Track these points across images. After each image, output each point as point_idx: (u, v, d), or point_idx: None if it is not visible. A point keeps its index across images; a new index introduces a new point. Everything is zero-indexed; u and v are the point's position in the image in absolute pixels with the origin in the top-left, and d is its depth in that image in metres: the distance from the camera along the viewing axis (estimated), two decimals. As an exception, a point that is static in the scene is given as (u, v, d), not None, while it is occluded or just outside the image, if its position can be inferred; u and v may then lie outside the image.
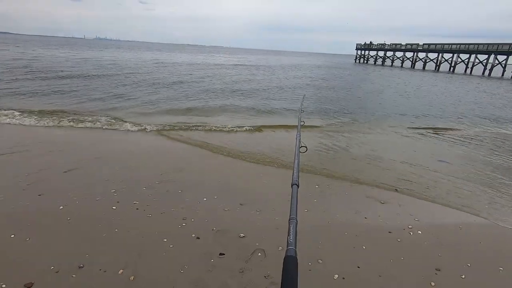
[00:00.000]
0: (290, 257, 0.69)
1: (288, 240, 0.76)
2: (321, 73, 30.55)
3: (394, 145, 7.08)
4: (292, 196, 1.03)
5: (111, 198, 3.55)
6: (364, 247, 2.92)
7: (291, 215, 0.89)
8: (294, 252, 0.71)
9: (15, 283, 2.20)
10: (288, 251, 0.71)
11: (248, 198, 3.75)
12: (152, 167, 4.61)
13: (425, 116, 11.03)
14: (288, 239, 0.76)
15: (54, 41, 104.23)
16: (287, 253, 0.70)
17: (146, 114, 8.74)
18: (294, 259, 0.69)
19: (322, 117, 9.79)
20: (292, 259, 0.68)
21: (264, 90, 15.29)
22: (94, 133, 6.50)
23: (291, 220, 0.85)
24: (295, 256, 0.69)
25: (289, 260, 0.68)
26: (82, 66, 20.67)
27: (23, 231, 2.81)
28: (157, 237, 2.85)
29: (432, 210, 3.83)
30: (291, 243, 0.74)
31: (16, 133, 6.15)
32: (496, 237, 3.32)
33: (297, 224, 0.83)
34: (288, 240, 0.76)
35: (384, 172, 5.08)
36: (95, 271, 2.37)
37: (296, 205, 0.95)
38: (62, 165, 4.39)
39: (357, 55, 68.95)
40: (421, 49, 49.97)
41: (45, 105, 8.87)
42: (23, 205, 3.29)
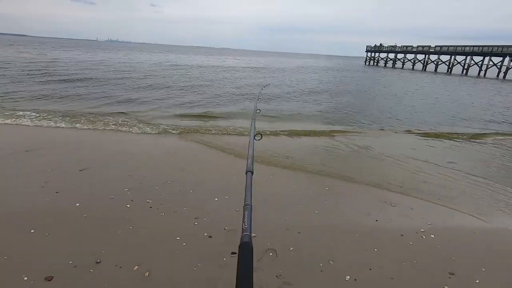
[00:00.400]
0: (245, 243, 0.68)
1: (243, 226, 0.75)
2: (335, 76, 30.43)
3: (410, 149, 6.99)
4: (246, 183, 1.02)
5: (125, 196, 3.63)
6: (376, 249, 2.91)
7: (245, 201, 0.87)
8: (249, 238, 0.70)
9: (36, 276, 2.28)
10: (243, 237, 0.70)
11: (258, 199, 3.78)
12: (165, 167, 4.69)
13: (450, 120, 10.87)
14: (243, 226, 0.75)
15: (68, 43, 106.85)
16: (243, 239, 0.69)
17: (163, 117, 8.82)
18: (249, 244, 0.68)
19: (340, 120, 9.77)
20: (247, 245, 0.68)
21: (289, 94, 15.19)
22: (109, 134, 6.64)
23: (246, 206, 0.84)
24: (250, 242, 0.69)
25: (245, 245, 0.68)
26: (98, 68, 21.16)
27: (43, 226, 2.91)
28: (171, 235, 2.91)
29: (445, 214, 3.78)
30: (246, 229, 0.73)
31: (33, 133, 6.34)
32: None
33: (251, 211, 0.82)
34: (243, 227, 0.74)
35: (397, 174, 5.03)
36: (111, 266, 2.44)
37: (250, 192, 0.94)
38: (78, 164, 4.52)
39: (367, 57, 68.34)
40: (433, 51, 49.17)
41: (62, 107, 9.12)
42: (41, 202, 3.41)
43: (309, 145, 6.65)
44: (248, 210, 0.81)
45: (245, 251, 0.66)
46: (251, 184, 0.99)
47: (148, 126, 7.31)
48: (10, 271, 2.32)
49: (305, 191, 4.15)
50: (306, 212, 3.57)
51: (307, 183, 4.47)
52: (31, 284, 2.22)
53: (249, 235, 0.71)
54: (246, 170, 1.14)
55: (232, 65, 36.65)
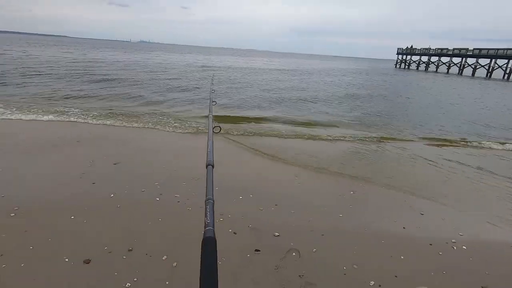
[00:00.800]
0: (209, 238, 0.67)
1: (205, 221, 0.73)
2: (366, 79, 29.65)
3: (443, 158, 6.69)
4: (207, 177, 1.00)
5: (154, 190, 3.81)
6: (402, 257, 2.83)
7: (207, 196, 0.86)
8: (212, 232, 0.69)
9: (76, 259, 2.47)
10: (206, 232, 0.69)
11: (282, 199, 3.81)
12: (192, 164, 4.85)
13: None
14: (205, 220, 0.74)
15: (105, 44, 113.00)
16: (206, 234, 0.68)
17: (197, 116, 9.09)
18: (212, 239, 0.67)
19: (368, 124, 9.55)
20: (211, 239, 0.67)
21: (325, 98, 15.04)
22: (144, 131, 6.97)
23: (208, 201, 0.83)
24: (213, 237, 0.68)
25: (208, 240, 0.66)
26: (139, 68, 22.22)
27: (81, 214, 3.14)
28: (197, 229, 3.01)
29: (478, 226, 3.59)
30: (209, 224, 0.72)
31: (74, 129, 6.81)
32: (555, 260, 3.03)
33: (213, 205, 0.81)
34: (205, 221, 0.73)
35: (428, 182, 4.84)
36: (142, 255, 2.58)
37: (212, 186, 0.93)
38: (113, 158, 4.80)
39: (398, 59, 65.83)
40: (471, 54, 46.33)
41: (105, 104, 9.71)
42: (80, 191, 3.67)
43: (338, 148, 6.56)
44: (210, 204, 0.81)
45: (208, 246, 0.65)
46: (212, 178, 0.98)
47: (181, 124, 7.59)
48: (53, 253, 2.54)
49: (329, 194, 4.11)
50: (330, 214, 3.55)
51: (332, 186, 4.43)
52: (71, 265, 2.41)
53: (212, 229, 0.70)
54: (206, 163, 1.12)
55: (264, 67, 36.74)
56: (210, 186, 0.92)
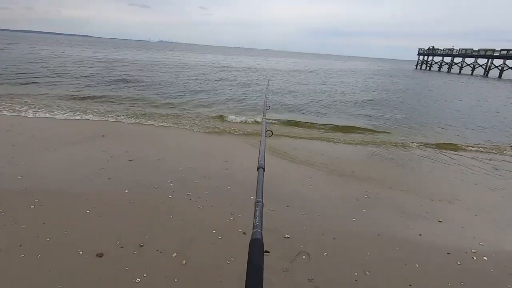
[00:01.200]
0: (256, 240, 0.68)
1: (254, 222, 0.74)
2: (388, 81, 28.95)
3: (464, 162, 6.41)
4: (258, 179, 1.00)
5: (167, 187, 3.86)
6: (418, 265, 2.72)
7: (257, 197, 0.87)
8: (260, 234, 0.70)
9: (89, 252, 2.54)
10: (254, 234, 0.70)
11: (294, 201, 3.76)
12: (205, 163, 4.89)
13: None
14: (254, 222, 0.74)
15: (126, 43, 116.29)
16: (253, 236, 0.69)
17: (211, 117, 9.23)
18: (260, 241, 0.68)
19: (388, 127, 9.32)
20: (258, 241, 0.67)
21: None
22: (160, 129, 7.10)
23: (257, 203, 0.83)
24: (260, 239, 0.68)
25: (255, 242, 0.67)
26: (163, 68, 22.74)
27: (96, 208, 3.23)
28: (207, 228, 3.03)
29: (502, 236, 3.40)
30: (257, 226, 0.72)
31: (94, 126, 7.03)
32: None
33: (263, 207, 0.81)
34: (254, 223, 0.74)
35: (448, 188, 4.64)
36: (153, 251, 2.62)
37: (262, 188, 0.93)
38: (128, 155, 4.91)
39: (419, 60, 63.73)
40: (498, 55, 44.15)
41: (123, 105, 9.98)
42: (96, 186, 3.77)
43: (354, 151, 6.43)
44: (259, 206, 0.82)
45: (255, 248, 0.66)
46: (263, 181, 0.99)
47: (200, 123, 7.70)
48: (68, 245, 2.62)
49: (343, 197, 4.03)
50: (342, 218, 3.47)
51: (346, 188, 4.33)
52: (84, 258, 2.47)
53: (259, 231, 0.71)
54: (258, 166, 1.13)
55: (296, 69, 36.35)
56: (260, 189, 0.93)
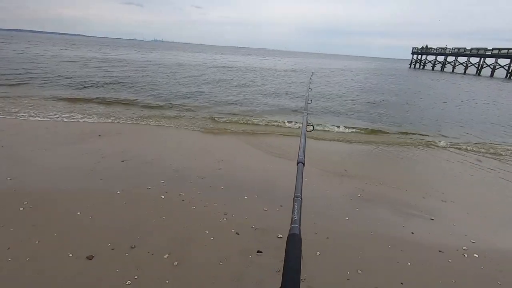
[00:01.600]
0: (294, 235, 0.68)
1: (292, 218, 0.75)
2: (383, 80, 29.14)
3: (461, 160, 6.48)
4: (297, 174, 1.00)
5: (160, 188, 3.83)
6: (410, 263, 2.74)
7: (296, 193, 0.87)
8: (298, 230, 0.70)
9: (79, 254, 2.50)
10: (292, 229, 0.71)
11: (288, 200, 3.74)
12: (199, 163, 4.86)
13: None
14: (293, 217, 0.75)
15: (121, 42, 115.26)
16: (291, 231, 0.70)
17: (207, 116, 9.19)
18: (298, 236, 0.68)
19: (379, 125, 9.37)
20: (296, 236, 0.68)
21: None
22: (154, 129, 7.05)
23: (296, 198, 0.84)
24: (299, 234, 0.69)
25: (293, 237, 0.68)
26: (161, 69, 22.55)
27: (87, 209, 3.19)
28: (200, 229, 3.01)
29: (492, 233, 3.44)
30: (296, 221, 0.73)
31: (87, 127, 6.95)
32: None
33: (301, 202, 0.82)
34: (292, 218, 0.75)
35: (440, 187, 4.68)
36: (144, 252, 2.59)
37: (301, 184, 0.93)
38: (121, 155, 4.86)
39: (413, 59, 64.27)
40: (490, 54, 44.72)
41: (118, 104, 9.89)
42: (87, 187, 3.73)
43: (344, 149, 6.46)
44: (298, 202, 0.82)
45: (293, 242, 0.67)
46: (302, 176, 0.99)
47: (193, 123, 7.65)
48: (58, 248, 2.58)
49: (336, 196, 4.04)
50: (336, 217, 3.48)
51: (339, 188, 4.34)
52: (74, 260, 2.44)
53: (298, 227, 0.71)
54: (297, 161, 1.13)
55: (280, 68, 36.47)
56: (300, 184, 0.94)
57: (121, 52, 43.29)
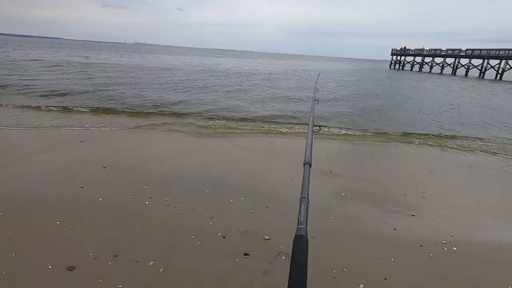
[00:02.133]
0: (300, 236, 0.67)
1: (299, 219, 0.74)
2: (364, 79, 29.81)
3: (439, 157, 6.71)
4: (304, 175, 1.00)
5: (144, 193, 3.76)
6: (392, 259, 2.82)
7: (302, 194, 0.86)
8: (304, 231, 0.69)
9: (59, 265, 2.42)
10: (298, 230, 0.70)
11: (274, 201, 3.77)
12: (184, 167, 4.80)
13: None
14: (299, 218, 0.74)
15: (102, 46, 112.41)
16: (298, 232, 0.69)
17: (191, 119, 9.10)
18: (304, 238, 0.67)
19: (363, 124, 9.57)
20: (303, 238, 0.67)
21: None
22: (136, 133, 6.91)
23: (303, 199, 0.83)
24: (305, 235, 0.68)
25: (300, 238, 0.67)
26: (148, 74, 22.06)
27: (68, 218, 3.08)
28: (186, 233, 2.98)
29: (469, 227, 3.58)
30: (302, 222, 0.72)
31: (64, 133, 6.72)
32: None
33: (308, 203, 0.81)
34: (299, 219, 0.74)
35: (421, 183, 4.84)
36: (128, 260, 2.53)
37: (308, 185, 0.92)
38: (103, 161, 4.73)
39: (392, 60, 66.27)
40: (464, 54, 46.80)
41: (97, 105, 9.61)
42: (67, 195, 3.60)
43: (331, 149, 6.56)
44: (304, 202, 0.81)
45: (299, 243, 0.66)
46: (309, 177, 0.98)
47: (179, 127, 7.54)
48: (36, 260, 2.48)
49: (322, 195, 4.09)
50: (321, 216, 3.52)
51: (324, 187, 4.40)
52: (54, 272, 2.35)
53: (304, 228, 0.70)
54: (304, 161, 1.12)
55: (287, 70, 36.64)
56: (306, 185, 0.93)
57: (102, 55, 42.21)
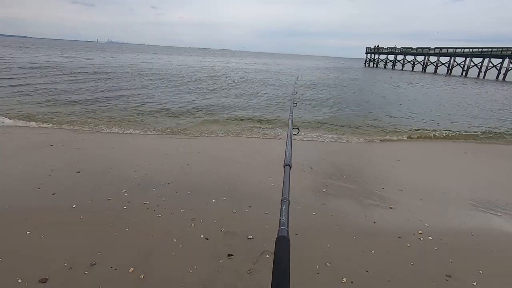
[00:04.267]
0: (282, 237, 0.68)
1: (280, 220, 0.74)
2: (341, 76, 30.46)
3: (411, 150, 6.99)
4: (284, 176, 1.01)
5: (122, 198, 3.62)
6: (373, 251, 2.90)
7: (283, 195, 0.87)
8: (286, 232, 0.70)
9: (30, 278, 2.27)
10: (280, 231, 0.70)
11: (256, 201, 3.77)
12: (162, 169, 4.68)
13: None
14: (281, 219, 0.75)
15: (73, 44, 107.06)
16: (280, 233, 0.69)
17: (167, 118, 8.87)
18: (286, 239, 0.67)
19: (343, 120, 9.76)
20: (284, 239, 0.67)
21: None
22: (108, 136, 6.64)
23: (284, 200, 0.84)
24: (287, 236, 0.68)
25: (281, 240, 0.67)
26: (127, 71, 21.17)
27: (38, 228, 2.90)
28: (167, 237, 2.90)
29: (443, 216, 3.76)
30: (283, 223, 0.73)
31: (30, 134, 6.34)
32: (511, 245, 3.25)
33: (289, 205, 0.82)
34: (280, 220, 0.74)
35: (396, 177, 5.01)
36: (106, 269, 2.43)
37: (288, 186, 0.94)
38: (75, 166, 4.51)
39: (367, 58, 68.38)
40: (433, 52, 49.21)
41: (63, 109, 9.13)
42: (37, 203, 3.40)
43: (308, 147, 6.65)
44: (285, 204, 0.82)
45: (282, 245, 0.65)
46: (289, 178, 0.99)
47: (153, 127, 7.31)
48: (4, 273, 2.31)
49: (303, 193, 4.13)
50: (303, 214, 3.56)
51: (305, 184, 4.45)
52: (25, 286, 2.20)
53: (286, 229, 0.70)
54: (284, 163, 1.12)
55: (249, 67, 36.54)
56: (287, 186, 0.94)
57: (72, 54, 40.22)
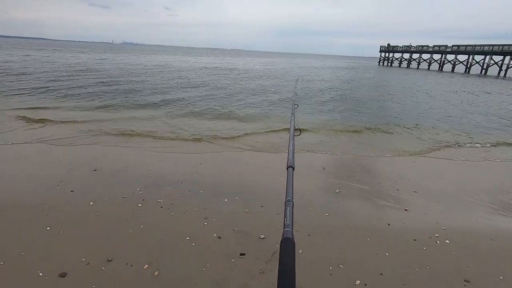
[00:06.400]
0: (287, 239, 0.69)
1: (284, 222, 0.76)
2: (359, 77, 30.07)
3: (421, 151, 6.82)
4: (287, 178, 1.02)
5: (137, 196, 3.70)
6: (387, 254, 2.84)
7: (287, 197, 0.88)
8: (291, 234, 0.71)
9: (51, 272, 2.35)
10: (285, 233, 0.71)
11: (269, 200, 3.77)
12: (176, 168, 4.75)
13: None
14: (285, 221, 0.76)
15: (91, 46, 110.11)
16: (284, 235, 0.70)
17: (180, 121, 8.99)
18: (291, 240, 0.69)
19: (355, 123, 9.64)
20: (289, 241, 0.68)
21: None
22: (127, 137, 6.78)
23: (288, 202, 0.85)
24: (292, 238, 0.69)
25: (286, 242, 0.68)
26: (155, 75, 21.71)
27: (58, 224, 3.00)
28: (180, 235, 2.94)
29: (461, 220, 3.65)
30: (288, 225, 0.74)
31: (52, 130, 6.56)
32: (533, 250, 3.12)
33: (293, 207, 0.83)
34: (284, 222, 0.75)
35: (413, 179, 4.90)
36: (122, 265, 2.49)
37: (292, 188, 0.95)
38: (93, 164, 4.64)
39: (381, 57, 67.09)
40: (450, 50, 47.74)
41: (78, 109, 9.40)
42: (57, 200, 3.51)
43: (325, 147, 6.59)
44: (289, 206, 0.83)
45: (286, 247, 0.67)
46: (293, 180, 0.99)
47: (171, 131, 7.43)
48: (26, 267, 2.41)
49: (316, 193, 4.10)
50: (316, 214, 3.53)
51: (318, 185, 4.42)
52: (45, 280, 2.29)
53: (290, 231, 0.72)
54: (287, 165, 1.12)
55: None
56: (290, 188, 0.94)
57: (90, 56, 41.34)
